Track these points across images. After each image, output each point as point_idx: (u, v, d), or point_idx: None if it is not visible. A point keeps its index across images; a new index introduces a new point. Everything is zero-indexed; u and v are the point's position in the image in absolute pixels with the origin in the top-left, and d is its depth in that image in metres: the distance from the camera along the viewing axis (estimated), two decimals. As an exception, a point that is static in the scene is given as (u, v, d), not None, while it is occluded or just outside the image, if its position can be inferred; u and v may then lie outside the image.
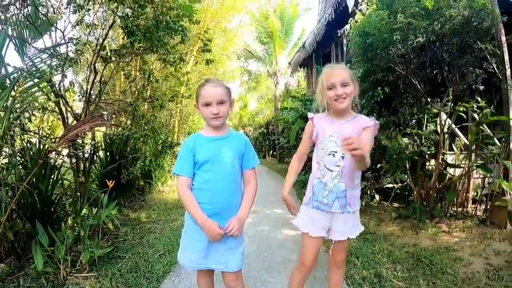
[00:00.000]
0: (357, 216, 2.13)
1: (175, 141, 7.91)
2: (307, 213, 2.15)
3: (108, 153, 5.91)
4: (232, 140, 2.02)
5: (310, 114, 2.20)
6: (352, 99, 2.04)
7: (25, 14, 3.68)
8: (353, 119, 2.06)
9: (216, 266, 1.98)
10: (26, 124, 4.13)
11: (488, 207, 4.64)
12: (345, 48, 9.13)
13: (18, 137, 3.91)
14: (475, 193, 5.00)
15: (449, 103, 4.70)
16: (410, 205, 5.05)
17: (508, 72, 4.41)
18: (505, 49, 4.39)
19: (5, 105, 3.15)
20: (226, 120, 2.02)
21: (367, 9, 5.51)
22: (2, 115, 3.14)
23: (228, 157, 1.95)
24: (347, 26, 7.20)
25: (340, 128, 2.03)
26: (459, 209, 4.90)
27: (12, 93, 3.22)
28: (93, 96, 4.65)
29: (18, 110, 3.53)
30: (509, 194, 4.12)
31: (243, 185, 2.07)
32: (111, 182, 3.54)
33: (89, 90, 4.42)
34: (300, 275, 2.22)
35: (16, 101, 3.31)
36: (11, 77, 3.34)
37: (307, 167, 2.99)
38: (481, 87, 4.49)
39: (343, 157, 1.98)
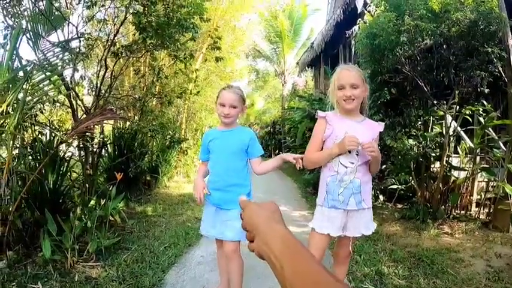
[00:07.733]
0: (371, 213, 2.23)
1: (183, 137, 7.96)
2: (323, 213, 2.15)
3: (116, 147, 5.94)
4: (238, 133, 2.40)
5: (321, 113, 2.21)
6: (360, 100, 2.12)
7: (39, 8, 3.75)
8: (362, 121, 2.17)
9: (216, 234, 2.38)
10: (37, 116, 4.22)
11: (491, 210, 4.63)
12: (352, 49, 9.12)
13: (30, 128, 4.00)
14: (479, 196, 4.98)
15: (455, 106, 4.70)
16: (413, 206, 5.05)
17: (514, 76, 4.38)
18: (512, 53, 4.37)
19: (18, 97, 3.23)
20: (235, 119, 2.42)
21: (376, 10, 5.52)
22: (15, 106, 3.21)
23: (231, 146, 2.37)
24: (355, 27, 7.21)
25: (354, 127, 2.11)
26: (462, 212, 4.89)
27: (25, 85, 3.27)
28: (103, 91, 4.72)
29: (30, 103, 3.60)
30: (513, 197, 4.11)
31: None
32: (119, 174, 3.62)
33: (99, 84, 4.50)
34: None
35: (28, 94, 3.37)
36: (24, 69, 3.40)
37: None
38: (487, 91, 4.47)
39: (357, 154, 2.07)
